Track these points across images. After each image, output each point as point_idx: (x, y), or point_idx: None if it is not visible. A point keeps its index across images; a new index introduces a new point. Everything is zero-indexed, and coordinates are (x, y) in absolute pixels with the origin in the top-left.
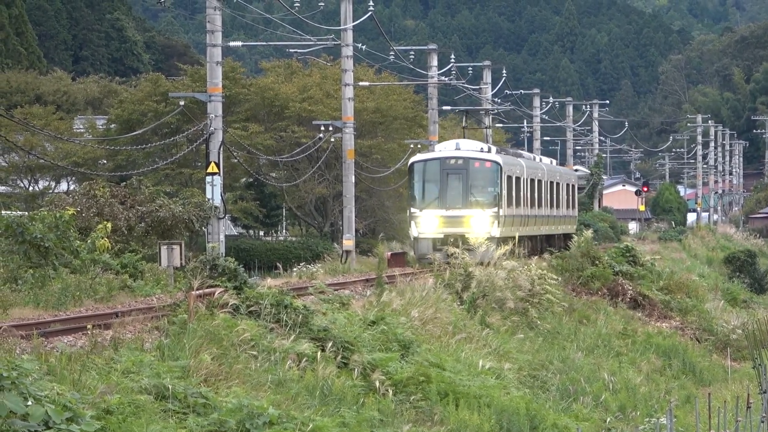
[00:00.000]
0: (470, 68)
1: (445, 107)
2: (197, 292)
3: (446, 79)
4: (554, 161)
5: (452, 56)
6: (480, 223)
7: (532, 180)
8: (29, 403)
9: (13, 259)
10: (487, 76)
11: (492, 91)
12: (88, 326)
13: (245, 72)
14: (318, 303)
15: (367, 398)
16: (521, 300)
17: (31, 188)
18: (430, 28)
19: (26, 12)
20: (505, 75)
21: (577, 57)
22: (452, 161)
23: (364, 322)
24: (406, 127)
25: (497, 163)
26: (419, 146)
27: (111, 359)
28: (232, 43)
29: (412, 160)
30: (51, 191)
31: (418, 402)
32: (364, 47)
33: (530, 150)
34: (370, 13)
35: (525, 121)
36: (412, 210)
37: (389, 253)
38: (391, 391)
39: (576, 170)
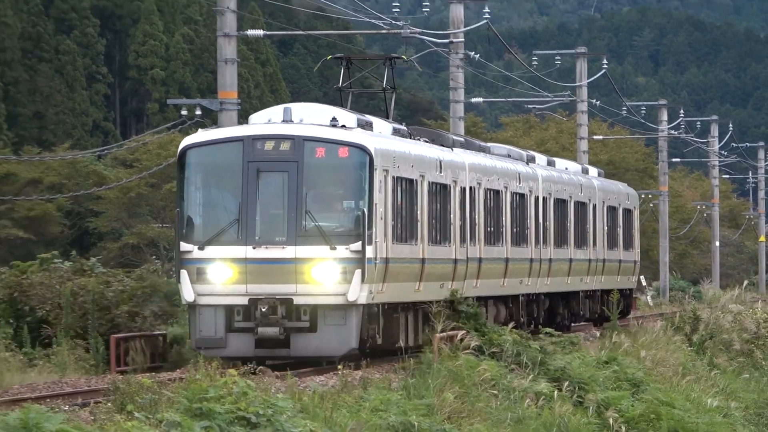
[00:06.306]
0: (698, 122)
1: (674, 159)
2: (441, 334)
3: (675, 132)
4: (597, 171)
5: (681, 111)
6: (326, 275)
7: (496, 192)
8: None
9: None
10: (715, 129)
11: (719, 144)
12: (339, 367)
13: (486, 126)
14: (550, 344)
15: None
16: (747, 342)
17: None
18: (660, 84)
19: (280, 70)
20: (731, 128)
21: None
22: (268, 145)
23: (597, 363)
24: (638, 178)
25: (363, 149)
26: (650, 196)
27: (360, 398)
28: (473, 100)
29: (185, 142)
30: None
31: None
32: (598, 103)
33: (755, 200)
34: (603, 70)
35: (750, 173)
36: (183, 246)
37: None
38: (624, 428)
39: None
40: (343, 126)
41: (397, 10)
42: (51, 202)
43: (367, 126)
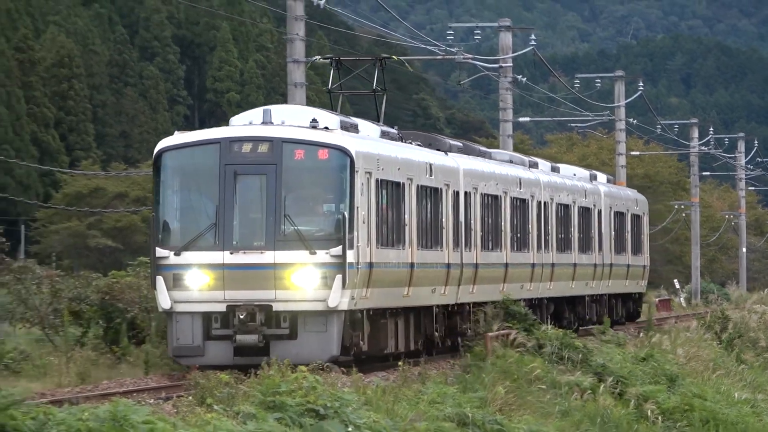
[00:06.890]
0: (726, 139)
1: (704, 173)
2: (493, 333)
3: (705, 148)
4: (606, 178)
5: (711, 129)
6: (306, 281)
7: (494, 197)
8: (350, 429)
9: None
10: (741, 145)
11: (745, 158)
12: (400, 363)
13: (532, 143)
14: (599, 343)
15: (640, 425)
16: None
17: None
18: (691, 104)
19: None
20: (756, 145)
21: None
22: (246, 147)
23: (636, 359)
24: (671, 190)
25: (343, 151)
26: (682, 206)
27: (419, 391)
28: (521, 119)
29: (161, 144)
30: None
31: (684, 428)
32: (634, 121)
33: None
34: (639, 92)
35: None
36: (159, 252)
37: (657, 300)
38: (660, 419)
39: None
40: (325, 128)
41: (451, 37)
42: (136, 214)
43: (351, 128)
